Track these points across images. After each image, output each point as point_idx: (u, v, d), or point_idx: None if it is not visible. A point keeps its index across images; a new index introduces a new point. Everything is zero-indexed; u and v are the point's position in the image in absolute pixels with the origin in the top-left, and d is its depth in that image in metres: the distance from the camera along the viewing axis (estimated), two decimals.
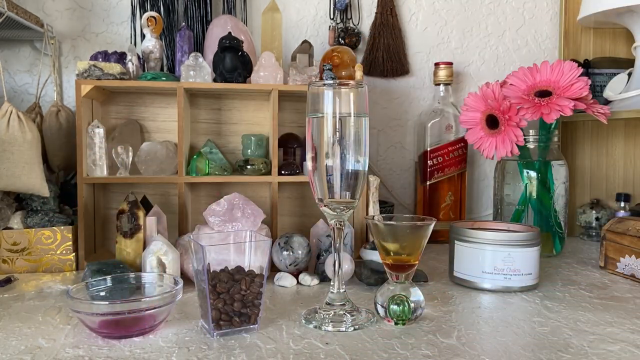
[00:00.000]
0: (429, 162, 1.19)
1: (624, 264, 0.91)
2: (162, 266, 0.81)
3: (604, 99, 1.17)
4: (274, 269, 0.88)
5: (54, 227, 0.92)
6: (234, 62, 0.97)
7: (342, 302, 0.69)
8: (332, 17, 1.25)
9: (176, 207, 1.01)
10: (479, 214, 1.35)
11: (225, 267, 0.64)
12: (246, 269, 0.65)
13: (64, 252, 0.92)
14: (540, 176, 1.05)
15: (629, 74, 1.16)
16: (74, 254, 0.93)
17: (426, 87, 1.31)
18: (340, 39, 1.23)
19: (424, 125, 1.20)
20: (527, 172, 1.06)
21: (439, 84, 1.22)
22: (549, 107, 0.94)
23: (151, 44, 1.02)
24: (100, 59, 1.00)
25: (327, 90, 0.67)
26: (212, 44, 1.04)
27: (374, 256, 0.89)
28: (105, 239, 1.04)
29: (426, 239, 0.69)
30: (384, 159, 1.31)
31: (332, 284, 0.71)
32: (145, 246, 0.87)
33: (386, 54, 1.25)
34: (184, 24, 1.10)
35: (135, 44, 1.16)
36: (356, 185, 0.68)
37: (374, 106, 1.29)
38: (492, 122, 1.00)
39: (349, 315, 0.68)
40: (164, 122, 1.06)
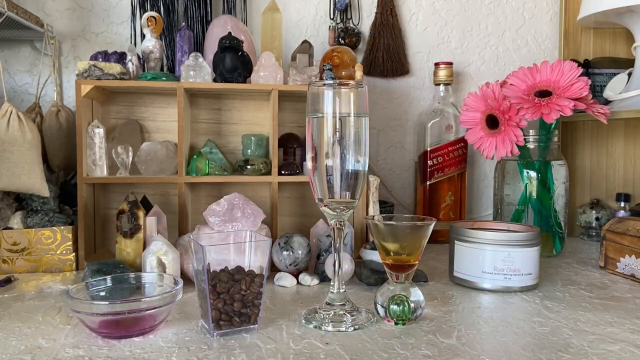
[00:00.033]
0: (429, 162, 1.19)
1: (624, 264, 0.91)
2: (162, 266, 0.81)
3: (604, 99, 1.17)
4: (274, 269, 0.88)
5: (54, 227, 0.92)
6: (234, 62, 0.97)
7: (342, 302, 0.69)
8: (332, 17, 1.25)
9: (176, 207, 1.01)
10: (479, 214, 1.35)
11: (225, 267, 0.64)
12: (246, 269, 0.65)
13: (64, 252, 0.92)
14: (540, 176, 1.05)
15: (629, 74, 1.16)
16: (74, 254, 0.93)
17: (426, 87, 1.31)
18: (340, 39, 1.23)
19: (424, 125, 1.20)
20: (527, 172, 1.06)
21: (439, 84, 1.22)
22: (549, 107, 0.94)
23: (151, 44, 1.02)
24: (100, 59, 1.00)
25: (327, 90, 0.67)
26: (212, 44, 1.04)
27: (374, 256, 0.89)
28: (105, 239, 1.04)
29: (426, 239, 0.69)
30: (384, 159, 1.31)
31: (332, 284, 0.71)
32: (145, 246, 0.87)
33: (386, 54, 1.25)
34: (184, 24, 1.10)
35: (135, 44, 1.16)
36: (356, 185, 0.68)
37: (374, 106, 1.29)
38: (492, 122, 1.00)
39: (349, 315, 0.68)
40: (164, 122, 1.06)
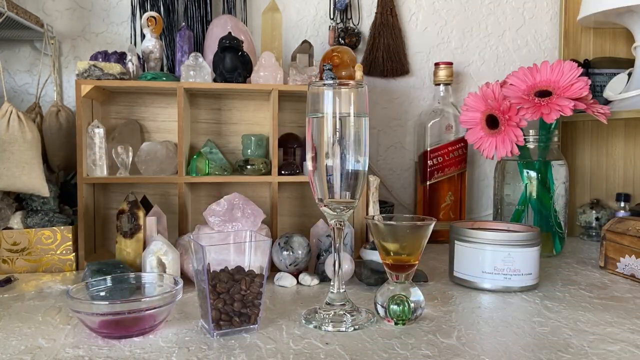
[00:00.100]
0: (429, 162, 1.19)
1: (624, 264, 0.91)
2: (162, 266, 0.81)
3: (604, 99, 1.17)
4: (274, 269, 0.88)
5: (54, 227, 0.92)
6: (234, 62, 0.97)
7: (342, 302, 0.69)
8: (332, 17, 1.25)
9: (176, 207, 1.01)
10: (479, 214, 1.35)
11: (225, 267, 0.64)
12: (246, 269, 0.65)
13: (64, 252, 0.92)
14: (540, 176, 1.05)
15: (629, 74, 1.16)
16: (74, 254, 0.93)
17: (426, 87, 1.31)
18: (340, 39, 1.23)
19: (424, 125, 1.20)
20: (527, 172, 1.06)
21: (439, 84, 1.22)
22: (549, 107, 0.94)
23: (151, 44, 1.02)
24: (100, 59, 1.00)
25: (327, 90, 0.67)
26: (212, 44, 1.04)
27: (374, 256, 0.89)
28: (105, 239, 1.04)
29: (426, 239, 0.69)
30: (384, 159, 1.31)
31: (332, 284, 0.71)
32: (145, 246, 0.87)
33: (386, 54, 1.25)
34: (184, 24, 1.10)
35: (135, 44, 1.16)
36: (356, 185, 0.68)
37: (374, 106, 1.29)
38: (492, 122, 1.00)
39: (349, 315, 0.68)
40: (164, 122, 1.06)
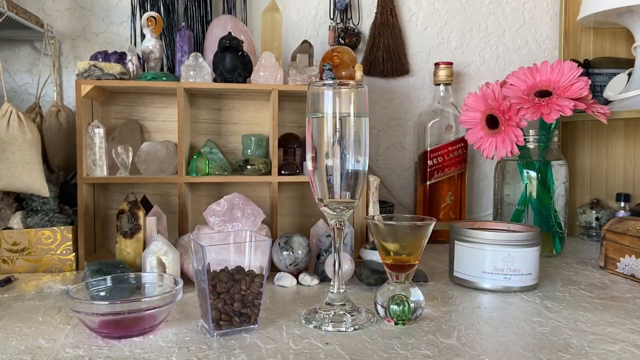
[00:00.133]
0: (429, 162, 1.19)
1: (624, 264, 0.91)
2: (162, 266, 0.81)
3: (604, 99, 1.17)
4: (274, 269, 0.88)
5: (54, 227, 0.92)
6: (234, 62, 0.97)
7: (342, 302, 0.69)
8: (332, 17, 1.25)
9: (176, 207, 1.01)
10: (479, 214, 1.35)
11: (225, 267, 0.64)
12: (246, 269, 0.65)
13: (64, 252, 0.92)
14: (540, 176, 1.05)
15: (629, 74, 1.16)
16: (74, 254, 0.93)
17: (426, 87, 1.31)
18: (340, 39, 1.23)
19: (424, 125, 1.20)
20: (527, 172, 1.06)
21: (439, 84, 1.22)
22: (549, 107, 0.94)
23: (151, 44, 1.02)
24: (100, 59, 1.00)
25: (327, 90, 0.67)
26: (212, 44, 1.04)
27: (374, 256, 0.89)
28: (105, 239, 1.04)
29: (426, 239, 0.69)
30: (384, 159, 1.31)
31: (332, 284, 0.71)
32: (145, 246, 0.87)
33: (386, 54, 1.25)
34: (184, 24, 1.10)
35: (135, 44, 1.16)
36: (356, 185, 0.68)
37: (374, 106, 1.29)
38: (492, 122, 1.00)
39: (349, 315, 0.68)
40: (164, 122, 1.06)
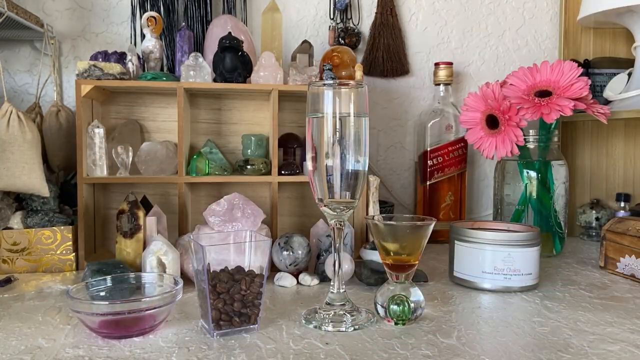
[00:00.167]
0: (429, 162, 1.19)
1: (624, 264, 0.91)
2: (162, 266, 0.81)
3: (604, 99, 1.17)
4: (274, 269, 0.88)
5: (54, 227, 0.92)
6: (234, 62, 0.97)
7: (342, 302, 0.69)
8: (332, 17, 1.25)
9: (176, 207, 1.01)
10: (479, 214, 1.35)
11: (225, 267, 0.64)
12: (246, 269, 0.65)
13: (64, 252, 0.92)
14: (540, 176, 1.05)
15: (629, 74, 1.16)
16: (74, 254, 0.93)
17: (426, 87, 1.31)
18: (340, 39, 1.23)
19: (424, 125, 1.20)
20: (527, 172, 1.06)
21: (439, 84, 1.22)
22: (549, 107, 0.94)
23: (151, 44, 1.02)
24: (100, 59, 1.00)
25: (327, 90, 0.67)
26: (212, 44, 1.04)
27: (374, 256, 0.89)
28: (105, 239, 1.04)
29: (426, 239, 0.69)
30: (384, 159, 1.31)
31: (332, 284, 0.71)
32: (145, 246, 0.87)
33: (386, 54, 1.25)
34: (184, 24, 1.10)
35: (135, 44, 1.16)
36: (356, 185, 0.68)
37: (374, 106, 1.29)
38: (492, 122, 1.00)
39: (349, 315, 0.68)
40: (164, 122, 1.06)
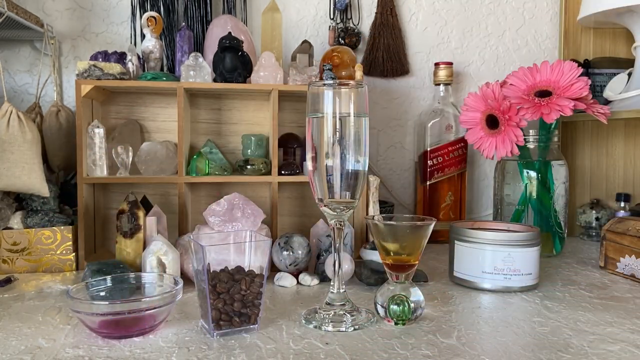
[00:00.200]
0: (429, 162, 1.19)
1: (624, 264, 0.91)
2: (162, 266, 0.81)
3: (604, 99, 1.17)
4: (274, 269, 0.88)
5: (54, 227, 0.92)
6: (234, 62, 0.97)
7: (342, 302, 0.69)
8: (332, 17, 1.25)
9: (176, 207, 1.01)
10: (479, 214, 1.35)
11: (225, 267, 0.64)
12: (246, 269, 0.65)
13: (64, 252, 0.92)
14: (540, 176, 1.05)
15: (629, 74, 1.16)
16: (74, 254, 0.93)
17: (426, 87, 1.31)
18: (340, 39, 1.23)
19: (424, 125, 1.20)
20: (527, 172, 1.06)
21: (439, 84, 1.22)
22: (549, 107, 0.94)
23: (151, 44, 1.02)
24: (100, 59, 1.00)
25: (327, 90, 0.67)
26: (212, 44, 1.04)
27: (374, 256, 0.89)
28: (105, 239, 1.04)
29: (426, 239, 0.69)
30: (384, 159, 1.31)
31: (332, 284, 0.71)
32: (145, 246, 0.87)
33: (386, 54, 1.25)
34: (184, 24, 1.10)
35: (135, 44, 1.16)
36: (356, 185, 0.68)
37: (374, 106, 1.29)
38: (492, 122, 1.00)
39: (349, 315, 0.68)
40: (164, 122, 1.06)
